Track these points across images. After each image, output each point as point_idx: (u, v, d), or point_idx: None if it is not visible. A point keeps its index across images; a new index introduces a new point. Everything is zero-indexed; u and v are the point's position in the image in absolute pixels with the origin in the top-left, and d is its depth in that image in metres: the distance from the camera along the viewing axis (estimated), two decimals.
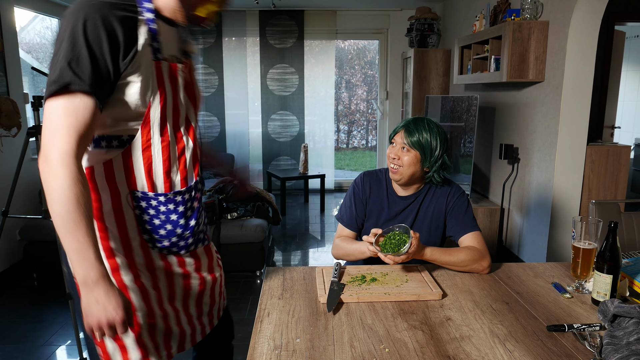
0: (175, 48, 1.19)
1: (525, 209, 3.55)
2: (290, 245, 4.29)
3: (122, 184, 1.12)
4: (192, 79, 1.23)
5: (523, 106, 3.55)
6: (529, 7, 3.25)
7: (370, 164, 9.31)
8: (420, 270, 1.55)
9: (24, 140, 2.90)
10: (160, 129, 1.12)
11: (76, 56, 0.97)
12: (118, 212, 1.13)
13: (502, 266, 1.65)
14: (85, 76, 0.97)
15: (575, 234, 1.45)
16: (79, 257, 0.99)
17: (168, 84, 1.12)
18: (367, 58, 9.76)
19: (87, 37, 0.97)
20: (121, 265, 1.15)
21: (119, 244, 1.15)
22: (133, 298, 1.15)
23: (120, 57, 1.01)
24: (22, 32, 4.38)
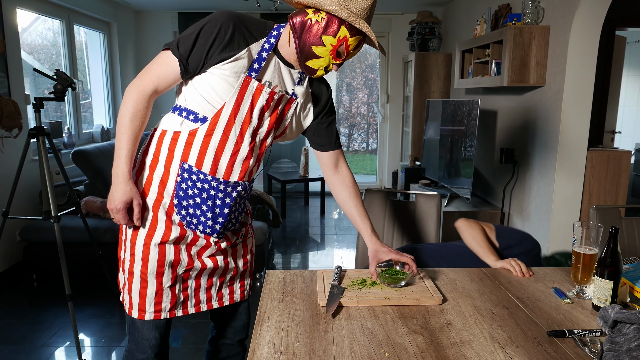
0: (281, 82, 1.42)
1: (525, 214, 3.55)
2: (290, 248, 4.29)
3: (179, 153, 1.39)
4: (285, 112, 1.46)
5: (524, 111, 3.56)
6: (530, 12, 3.25)
7: (371, 167, 9.31)
8: (421, 275, 1.55)
9: (25, 141, 2.90)
10: (225, 127, 1.37)
11: (187, 36, 1.33)
12: (165, 174, 1.41)
13: (502, 271, 1.65)
14: (182, 48, 1.32)
15: (575, 239, 1.45)
16: (117, 154, 1.36)
17: (248, 98, 1.37)
18: (368, 61, 9.77)
19: (202, 30, 1.32)
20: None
21: (155, 195, 1.41)
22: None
23: (217, 51, 1.31)
24: (24, 33, 4.38)
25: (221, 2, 5.28)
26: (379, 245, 1.53)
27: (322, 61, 1.33)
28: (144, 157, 1.46)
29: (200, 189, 1.40)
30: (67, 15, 4.43)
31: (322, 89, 1.55)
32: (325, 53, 1.31)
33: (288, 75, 1.43)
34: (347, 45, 1.31)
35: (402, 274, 1.47)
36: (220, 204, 1.42)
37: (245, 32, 1.34)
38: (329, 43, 1.29)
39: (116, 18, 5.31)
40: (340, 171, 1.62)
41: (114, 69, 5.43)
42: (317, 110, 1.55)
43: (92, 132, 4.98)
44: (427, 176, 4.79)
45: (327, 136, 1.59)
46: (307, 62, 1.34)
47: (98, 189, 3.67)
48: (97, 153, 3.75)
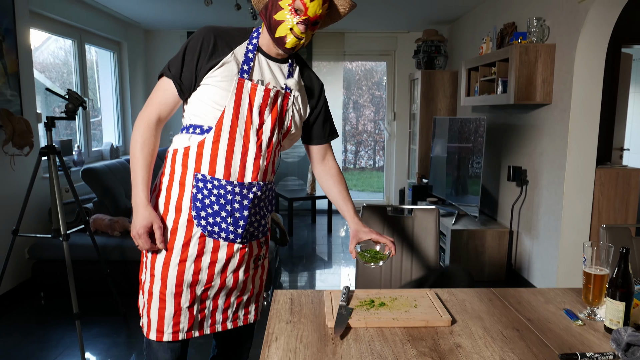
0: (273, 78, 1.48)
1: (534, 232, 3.52)
2: (298, 266, 4.27)
3: (192, 166, 1.45)
4: (284, 106, 1.50)
5: (531, 128, 3.55)
6: (536, 31, 3.28)
7: (377, 184, 9.30)
8: (430, 295, 1.54)
9: (36, 159, 2.94)
10: (230, 130, 1.42)
11: (175, 58, 1.44)
12: (181, 189, 1.46)
13: (512, 291, 1.63)
14: (174, 69, 1.43)
15: (586, 260, 1.43)
16: (133, 183, 1.44)
17: (246, 99, 1.42)
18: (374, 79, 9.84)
19: (187, 48, 1.42)
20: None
21: (173, 213, 1.47)
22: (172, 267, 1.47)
23: (204, 61, 1.40)
24: (36, 52, 4.47)
25: (227, 20, 5.37)
26: (360, 225, 1.59)
27: (284, 25, 1.38)
28: (161, 178, 1.51)
29: (217, 196, 1.44)
30: (79, 35, 4.52)
31: (314, 80, 1.61)
32: (285, 15, 1.37)
33: (278, 70, 1.50)
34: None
35: (381, 255, 1.51)
36: (238, 207, 1.46)
37: (227, 38, 1.44)
38: (286, 4, 1.37)
39: (126, 37, 5.41)
40: (327, 163, 1.70)
41: (123, 87, 5.51)
42: (312, 102, 1.61)
43: (102, 149, 5.03)
44: (435, 194, 4.78)
45: (323, 130, 1.65)
46: (276, 34, 1.40)
47: (107, 207, 3.69)
48: (106, 171, 3.78)
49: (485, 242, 3.83)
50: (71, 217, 3.62)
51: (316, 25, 1.42)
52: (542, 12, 3.38)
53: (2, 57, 3.26)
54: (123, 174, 4.01)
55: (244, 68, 1.43)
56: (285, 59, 1.52)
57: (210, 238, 1.47)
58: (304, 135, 1.67)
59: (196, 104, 1.45)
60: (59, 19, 4.08)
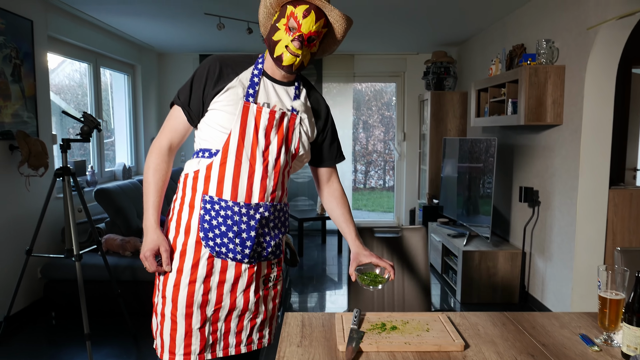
0: (279, 101, 1.52)
1: (547, 254, 3.48)
2: (308, 287, 4.25)
3: (200, 188, 1.49)
4: (291, 128, 1.53)
5: (542, 149, 3.54)
6: (545, 52, 3.29)
7: (388, 204, 9.27)
8: (442, 319, 1.52)
9: (51, 180, 2.99)
10: (237, 152, 1.45)
11: (184, 87, 1.51)
12: (190, 212, 1.50)
13: (526, 315, 1.61)
14: (182, 97, 1.50)
15: (601, 284, 1.41)
16: (145, 207, 1.49)
17: (251, 121, 1.46)
18: (383, 99, 9.90)
19: (194, 77, 1.49)
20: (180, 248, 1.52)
21: (183, 236, 1.49)
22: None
23: (210, 87, 1.46)
24: (52, 74, 4.57)
25: (239, 43, 5.46)
26: (361, 248, 1.60)
27: (281, 44, 1.43)
28: (174, 204, 1.55)
29: (224, 217, 1.46)
30: (94, 58, 4.62)
31: (320, 102, 1.63)
32: (281, 34, 1.43)
33: (284, 93, 1.53)
34: (295, 17, 1.40)
35: (381, 278, 1.52)
36: (245, 227, 1.47)
37: (233, 65, 1.50)
38: (282, 24, 1.43)
39: (140, 60, 5.52)
40: (331, 185, 1.73)
41: (137, 109, 5.60)
42: (320, 124, 1.63)
43: (114, 170, 5.10)
44: (445, 214, 4.76)
45: (330, 152, 1.67)
46: (274, 54, 1.45)
47: (119, 227, 3.72)
48: (118, 191, 3.82)
49: (497, 264, 3.79)
50: (83, 237, 3.65)
51: (312, 42, 1.44)
52: (550, 34, 3.40)
53: (20, 80, 3.35)
54: (135, 194, 4.05)
55: (249, 92, 1.47)
56: (292, 82, 1.55)
57: (218, 258, 1.49)
58: (315, 160, 1.69)
59: (204, 129, 1.50)
60: (76, 43, 4.19)
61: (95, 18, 4.26)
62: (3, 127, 3.16)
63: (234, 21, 4.26)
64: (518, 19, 3.94)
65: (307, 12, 1.40)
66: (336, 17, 1.44)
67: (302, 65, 1.46)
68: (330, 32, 1.51)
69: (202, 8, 3.93)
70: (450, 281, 4.19)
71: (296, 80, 1.57)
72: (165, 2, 3.77)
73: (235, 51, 5.93)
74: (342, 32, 1.49)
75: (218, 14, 4.06)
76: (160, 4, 3.83)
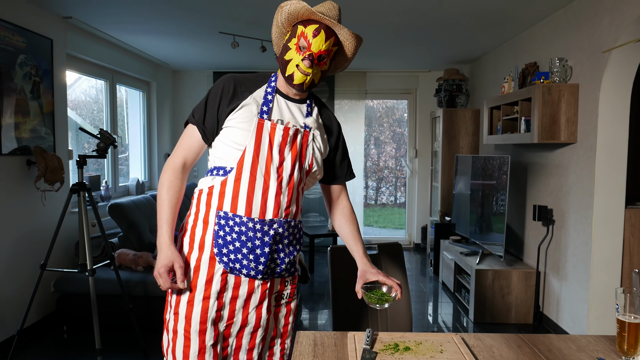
0: (292, 117, 1.54)
1: (562, 274, 3.43)
2: (318, 304, 4.22)
3: (214, 204, 1.50)
4: (304, 144, 1.54)
5: (556, 167, 3.51)
6: (558, 71, 3.29)
7: (399, 221, 9.22)
8: (456, 340, 1.50)
9: (67, 195, 3.03)
10: (251, 168, 1.47)
11: (198, 105, 1.53)
12: (204, 228, 1.51)
13: (542, 338, 1.58)
14: (197, 115, 1.52)
15: (619, 307, 1.39)
16: (158, 224, 1.49)
17: (266, 138, 1.47)
18: (395, 116, 9.92)
19: (209, 96, 1.52)
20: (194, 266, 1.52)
21: (197, 252, 1.50)
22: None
23: (225, 105, 1.48)
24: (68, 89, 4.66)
25: (252, 61, 5.53)
26: (368, 266, 1.60)
27: (292, 63, 1.46)
28: (187, 218, 1.55)
29: (238, 233, 1.47)
30: (111, 75, 4.71)
31: (332, 119, 1.66)
32: (292, 54, 1.46)
33: (297, 110, 1.56)
34: (305, 36, 1.43)
35: (387, 296, 1.52)
36: (259, 244, 1.48)
37: (246, 84, 1.53)
38: (293, 44, 1.46)
39: (155, 77, 5.62)
40: (341, 202, 1.74)
41: (151, 125, 5.68)
42: (332, 141, 1.65)
43: (128, 185, 5.15)
44: (458, 232, 4.72)
45: (340, 170, 1.69)
46: (286, 73, 1.48)
47: (131, 242, 3.75)
48: (132, 206, 3.86)
49: (511, 283, 3.74)
50: (97, 252, 3.68)
51: (322, 61, 1.46)
52: (563, 53, 3.40)
53: (39, 97, 3.42)
54: (149, 210, 4.09)
55: (263, 109, 1.49)
56: (304, 99, 1.57)
57: (231, 274, 1.49)
58: (327, 177, 1.70)
59: (219, 147, 1.52)
60: (93, 60, 4.28)
61: (113, 36, 4.35)
62: (21, 142, 3.23)
63: (248, 39, 4.32)
64: (530, 37, 3.95)
65: (317, 32, 1.42)
66: (346, 36, 1.46)
67: (312, 83, 1.49)
68: (341, 50, 1.53)
69: (217, 27, 4.00)
70: (462, 300, 4.13)
71: (308, 97, 1.59)
72: (182, 21, 3.85)
73: (248, 69, 6.01)
74: (352, 50, 1.50)
75: (233, 33, 4.13)
76: (177, 23, 3.91)
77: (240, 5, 3.43)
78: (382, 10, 3.51)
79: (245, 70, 6.05)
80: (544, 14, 3.56)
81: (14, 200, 3.19)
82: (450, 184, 5.31)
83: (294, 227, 1.58)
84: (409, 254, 6.09)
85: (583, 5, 3.17)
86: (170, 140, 6.13)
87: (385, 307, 1.50)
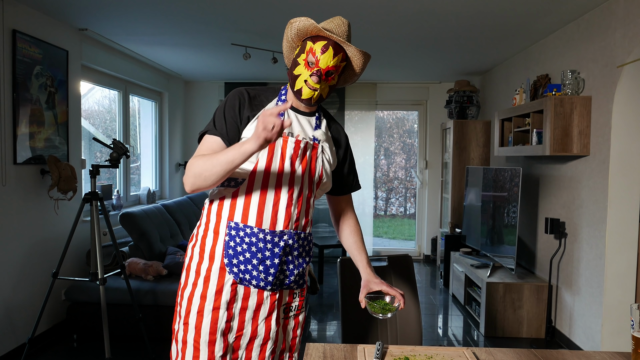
0: (302, 130, 1.55)
1: (575, 288, 3.38)
2: (327, 315, 4.20)
3: (225, 214, 1.50)
4: (314, 156, 1.56)
5: (568, 180, 3.48)
6: (570, 83, 3.27)
7: (409, 232, 9.17)
8: (467, 354, 1.48)
9: (79, 204, 3.06)
10: (263, 180, 1.48)
11: (217, 118, 1.51)
12: (215, 238, 1.51)
13: (555, 353, 1.56)
14: (219, 126, 1.50)
15: (634, 323, 1.36)
16: (238, 148, 1.35)
17: (278, 151, 1.49)
18: (405, 127, 9.91)
19: (225, 107, 1.51)
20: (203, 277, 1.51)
21: (207, 262, 1.50)
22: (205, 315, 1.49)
23: (245, 112, 1.50)
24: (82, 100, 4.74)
25: (263, 72, 5.58)
26: (372, 276, 1.61)
27: (300, 78, 1.48)
28: (197, 230, 1.55)
29: (249, 244, 1.48)
30: (124, 86, 4.78)
31: (340, 132, 1.69)
32: (301, 69, 1.48)
33: (307, 123, 1.57)
34: (313, 52, 1.45)
35: (390, 306, 1.52)
36: (269, 255, 1.49)
37: (260, 96, 1.55)
38: (302, 59, 1.48)
39: (168, 88, 5.68)
40: (346, 213, 1.76)
41: (162, 135, 5.73)
42: (340, 153, 1.67)
43: (139, 194, 5.19)
44: (468, 244, 4.68)
45: (347, 181, 1.72)
46: (295, 88, 1.50)
47: (142, 251, 3.77)
48: (143, 216, 3.89)
49: (522, 297, 3.69)
50: (107, 260, 3.71)
51: (330, 76, 1.48)
52: (576, 65, 3.38)
53: (54, 107, 3.48)
54: (159, 219, 4.11)
55: None
56: (313, 112, 1.60)
57: (241, 285, 1.50)
58: (335, 189, 1.72)
59: None
60: (107, 71, 4.35)
61: (127, 48, 4.42)
62: (35, 151, 3.27)
63: (260, 51, 4.36)
64: (542, 49, 3.94)
65: (325, 48, 1.45)
66: (354, 52, 1.49)
67: (321, 98, 1.51)
68: (349, 65, 1.55)
69: (229, 39, 4.05)
70: (473, 313, 4.09)
71: (317, 110, 1.61)
72: (195, 33, 3.90)
73: (259, 80, 6.05)
74: (360, 66, 1.52)
75: (245, 44, 4.17)
76: (191, 35, 3.96)
77: (252, 18, 3.47)
78: (393, 22, 3.53)
79: (257, 81, 6.10)
80: (556, 26, 3.56)
81: (27, 209, 3.23)
82: (461, 195, 5.28)
83: (304, 239, 1.58)
84: (418, 266, 6.05)
85: (595, 17, 3.16)
86: (181, 149, 6.18)
87: (388, 316, 1.50)
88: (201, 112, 6.30)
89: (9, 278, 3.10)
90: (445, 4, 3.10)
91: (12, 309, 3.13)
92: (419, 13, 3.31)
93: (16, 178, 3.12)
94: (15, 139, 3.08)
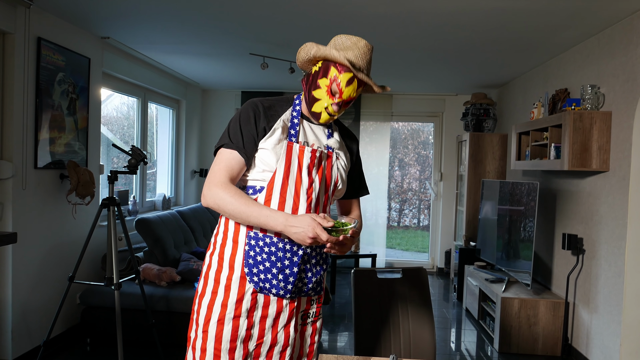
0: (317, 139, 1.59)
1: (593, 305, 3.31)
2: (339, 326, 4.17)
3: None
4: (329, 165, 1.59)
5: (587, 195, 3.43)
6: (590, 98, 3.24)
7: (422, 244, 9.10)
8: None
9: (97, 209, 3.10)
10: (281, 189, 1.49)
11: (233, 131, 1.50)
12: (234, 247, 1.52)
13: None
14: (235, 139, 1.49)
15: None
16: (265, 219, 1.40)
17: (295, 160, 1.51)
18: (420, 138, 9.88)
19: (240, 119, 1.51)
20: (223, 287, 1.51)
21: (227, 270, 1.51)
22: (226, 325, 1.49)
23: (260, 124, 1.50)
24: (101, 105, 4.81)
25: (280, 81, 5.62)
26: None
27: (321, 103, 1.51)
28: (215, 238, 1.56)
29: (268, 253, 1.50)
30: (143, 93, 4.85)
31: (352, 137, 1.73)
32: (322, 94, 1.50)
33: (321, 132, 1.61)
34: (338, 83, 1.47)
35: (346, 223, 1.43)
36: (288, 264, 1.50)
37: (274, 107, 1.56)
38: (324, 85, 1.49)
39: (185, 96, 5.75)
40: (352, 216, 1.77)
41: (179, 142, 5.80)
42: (353, 158, 1.72)
43: (155, 200, 5.24)
44: (483, 258, 4.63)
45: (356, 185, 1.74)
46: (312, 108, 1.53)
47: (156, 257, 3.80)
48: (158, 222, 3.92)
49: (538, 313, 3.63)
50: (122, 265, 3.74)
51: (349, 104, 1.54)
52: (596, 80, 3.35)
53: (75, 113, 3.54)
54: (174, 225, 4.14)
55: (291, 132, 1.54)
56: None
57: (261, 293, 1.51)
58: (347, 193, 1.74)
59: (249, 168, 1.55)
60: (127, 79, 4.42)
61: (147, 56, 4.49)
62: (55, 156, 3.33)
63: (277, 61, 4.40)
64: (561, 63, 3.91)
65: (351, 81, 1.48)
66: (373, 86, 1.52)
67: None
68: (364, 88, 1.58)
69: (248, 48, 4.09)
70: (487, 328, 4.03)
71: None
72: (214, 43, 3.95)
73: (276, 89, 6.10)
74: (374, 92, 1.56)
75: (263, 54, 4.21)
76: (210, 45, 4.01)
77: (271, 29, 3.51)
78: (410, 34, 3.54)
79: (273, 90, 6.14)
80: (576, 40, 3.53)
81: (46, 212, 3.28)
82: (476, 208, 5.23)
83: (321, 247, 1.59)
84: (431, 279, 5.99)
85: (616, 32, 3.13)
86: (197, 157, 6.24)
87: (346, 231, 1.39)
88: (218, 120, 6.36)
89: (27, 280, 3.14)
90: (468, 17, 3.10)
91: (28, 312, 3.17)
92: (440, 26, 3.32)
93: (36, 182, 3.18)
94: (36, 143, 3.14)
